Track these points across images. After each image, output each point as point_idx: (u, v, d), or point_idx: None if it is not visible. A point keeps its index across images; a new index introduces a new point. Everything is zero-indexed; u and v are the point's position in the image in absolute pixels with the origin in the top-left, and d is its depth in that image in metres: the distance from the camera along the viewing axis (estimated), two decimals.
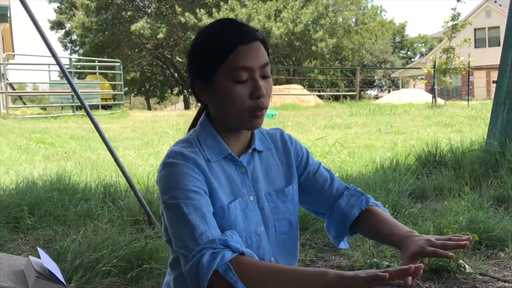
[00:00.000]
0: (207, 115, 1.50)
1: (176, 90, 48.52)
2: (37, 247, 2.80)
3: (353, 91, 25.41)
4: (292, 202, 1.56)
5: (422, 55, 52.95)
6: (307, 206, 1.65)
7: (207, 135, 1.46)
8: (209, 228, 1.29)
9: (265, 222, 1.49)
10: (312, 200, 1.62)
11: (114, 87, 22.73)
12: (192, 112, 21.82)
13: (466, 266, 2.85)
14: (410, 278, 1.16)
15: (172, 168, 1.37)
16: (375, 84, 54.12)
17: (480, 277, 2.82)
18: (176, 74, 43.51)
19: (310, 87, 33.88)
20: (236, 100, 1.38)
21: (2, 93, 15.51)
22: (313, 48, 34.15)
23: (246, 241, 1.42)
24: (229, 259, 1.23)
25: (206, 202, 1.35)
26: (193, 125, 1.58)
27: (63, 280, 2.51)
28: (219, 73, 1.38)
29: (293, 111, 17.26)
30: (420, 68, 25.74)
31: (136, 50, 38.58)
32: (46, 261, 2.57)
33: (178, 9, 34.56)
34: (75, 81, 16.36)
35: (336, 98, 26.29)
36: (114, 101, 21.51)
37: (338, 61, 43.77)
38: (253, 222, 1.45)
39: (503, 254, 3.19)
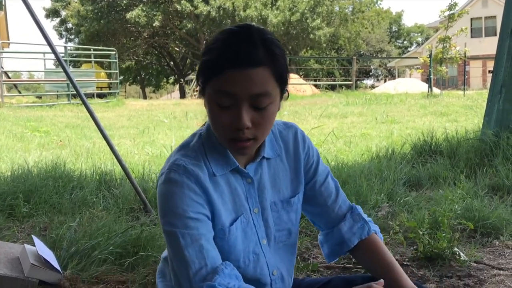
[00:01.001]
0: None
1: (171, 79, 48.38)
2: (32, 235, 2.80)
3: (349, 80, 25.40)
4: (295, 212, 1.52)
5: (418, 44, 52.90)
6: (306, 213, 1.60)
7: (213, 145, 1.37)
8: (206, 263, 1.26)
9: (268, 234, 1.46)
10: (312, 211, 1.58)
11: (109, 75, 22.65)
12: (188, 101, 21.76)
13: (461, 253, 2.86)
14: None
15: (172, 187, 1.30)
16: (371, 73, 54.08)
17: (475, 264, 2.83)
18: (171, 63, 43.35)
19: (306, 76, 33.81)
20: (216, 124, 1.30)
21: None
22: (311, 36, 34.06)
23: (243, 261, 1.40)
24: None
25: (207, 229, 1.31)
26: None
27: (58, 267, 2.51)
28: (208, 88, 1.29)
29: (289, 100, 16.98)
30: (416, 58, 25.74)
31: (132, 38, 38.41)
32: (41, 248, 2.57)
33: None
34: (70, 69, 16.27)
35: (332, 88, 26.27)
36: (110, 89, 21.44)
37: (334, 51, 43.70)
38: (252, 241, 1.42)
39: (497, 242, 3.20)
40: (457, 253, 2.84)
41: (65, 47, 21.79)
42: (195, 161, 1.34)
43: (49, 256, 2.54)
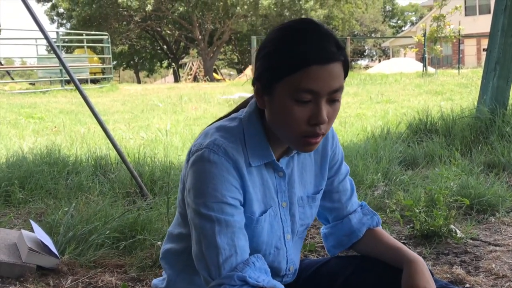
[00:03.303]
0: (260, 109, 1.35)
1: (165, 63, 48.11)
2: (30, 220, 2.79)
3: None
4: (317, 208, 1.54)
5: (412, 24, 52.68)
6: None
7: (254, 134, 1.34)
8: (236, 251, 1.25)
9: (293, 229, 1.46)
10: (325, 205, 1.59)
11: (102, 60, 22.50)
12: (182, 85, 21.68)
13: (457, 231, 2.88)
14: None
15: (211, 167, 1.27)
16: (365, 54, 53.94)
17: (471, 241, 2.84)
18: (165, 47, 43.06)
19: None
20: (291, 121, 1.25)
21: None
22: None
23: (264, 253, 1.39)
24: None
25: (241, 217, 1.30)
26: (236, 110, 1.46)
27: (56, 252, 2.51)
28: (281, 85, 1.24)
29: None
30: (411, 37, 25.67)
31: (124, 22, 38.06)
32: (39, 233, 2.57)
33: None
34: (63, 55, 16.16)
35: None
36: (103, 75, 21.32)
37: None
38: (276, 235, 1.42)
39: (493, 219, 3.21)
40: (454, 230, 2.85)
41: (57, 32, 21.62)
42: (234, 145, 1.31)
43: (47, 240, 2.54)
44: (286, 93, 1.24)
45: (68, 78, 15.28)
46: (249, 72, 25.36)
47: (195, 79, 32.27)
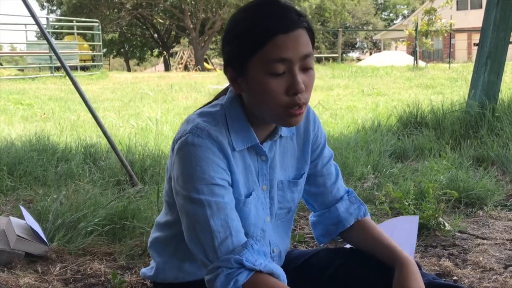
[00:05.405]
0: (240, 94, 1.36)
1: (156, 52, 47.84)
2: (20, 206, 2.78)
3: (335, 53, 25.35)
4: (299, 192, 1.53)
5: (404, 17, 52.76)
6: (303, 192, 1.61)
7: (236, 117, 1.35)
8: (231, 233, 1.26)
9: (271, 212, 1.47)
10: (310, 191, 1.59)
11: (92, 48, 22.34)
12: (173, 73, 21.60)
13: (446, 223, 2.89)
14: None
15: (196, 151, 1.27)
16: (357, 46, 53.98)
17: (459, 234, 2.86)
18: (156, 35, 42.80)
19: None
20: (270, 95, 1.25)
21: None
22: (297, 8, 33.81)
23: (251, 236, 1.39)
24: (243, 283, 1.22)
25: (230, 198, 1.30)
26: (217, 97, 1.46)
27: (45, 239, 2.50)
28: (252, 63, 1.26)
29: None
30: (402, 30, 25.70)
31: (115, 10, 37.77)
32: (29, 219, 2.55)
33: None
34: (53, 41, 15.99)
35: (318, 60, 26.20)
36: (93, 62, 21.17)
37: (320, 23, 43.44)
38: (261, 218, 1.42)
39: (481, 212, 3.23)
40: (442, 223, 2.87)
41: (47, 18, 21.40)
42: (217, 128, 1.31)
43: (36, 227, 2.53)
44: (259, 69, 1.25)
45: (58, 64, 15.14)
46: None
47: (186, 68, 32.16)
